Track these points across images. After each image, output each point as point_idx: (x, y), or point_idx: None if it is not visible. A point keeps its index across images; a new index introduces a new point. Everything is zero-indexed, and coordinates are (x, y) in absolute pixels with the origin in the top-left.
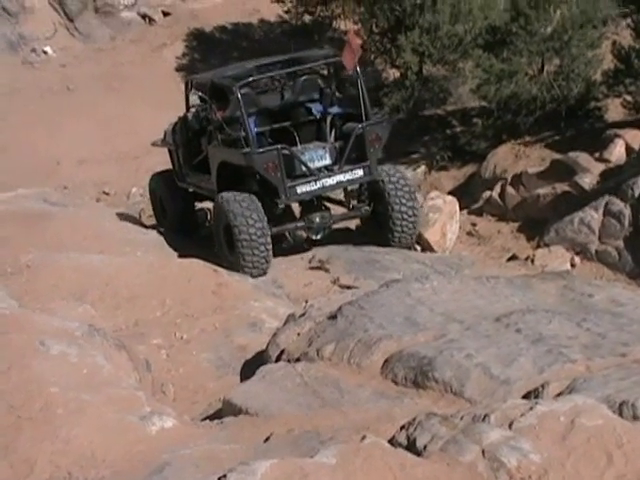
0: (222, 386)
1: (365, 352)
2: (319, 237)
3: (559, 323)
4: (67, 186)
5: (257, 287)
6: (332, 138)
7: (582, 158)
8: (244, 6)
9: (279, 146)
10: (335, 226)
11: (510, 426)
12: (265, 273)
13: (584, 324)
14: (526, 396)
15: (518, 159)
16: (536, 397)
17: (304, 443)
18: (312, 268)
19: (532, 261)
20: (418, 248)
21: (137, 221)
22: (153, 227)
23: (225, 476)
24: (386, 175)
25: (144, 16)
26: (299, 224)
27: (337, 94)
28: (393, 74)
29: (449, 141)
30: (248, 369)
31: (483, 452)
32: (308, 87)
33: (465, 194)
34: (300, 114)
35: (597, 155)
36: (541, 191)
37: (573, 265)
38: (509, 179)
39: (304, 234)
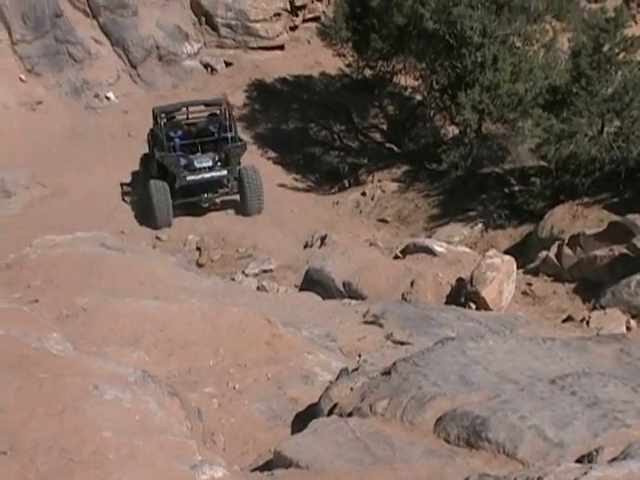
0: (273, 438)
1: (418, 409)
2: (206, 205)
3: (615, 387)
4: (124, 231)
5: (311, 340)
6: (224, 148)
7: None
8: (305, 58)
9: (177, 153)
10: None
11: None
12: (169, 226)
13: None
14: (580, 460)
15: (575, 220)
16: (590, 462)
17: None
18: (366, 322)
19: (587, 323)
20: (473, 306)
21: (192, 268)
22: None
23: None
24: (245, 172)
25: (206, 65)
26: (195, 198)
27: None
28: (452, 131)
29: (506, 200)
30: (299, 422)
31: None
32: (212, 120)
33: (521, 253)
34: (206, 135)
35: None
36: (598, 252)
37: (629, 328)
38: (566, 239)
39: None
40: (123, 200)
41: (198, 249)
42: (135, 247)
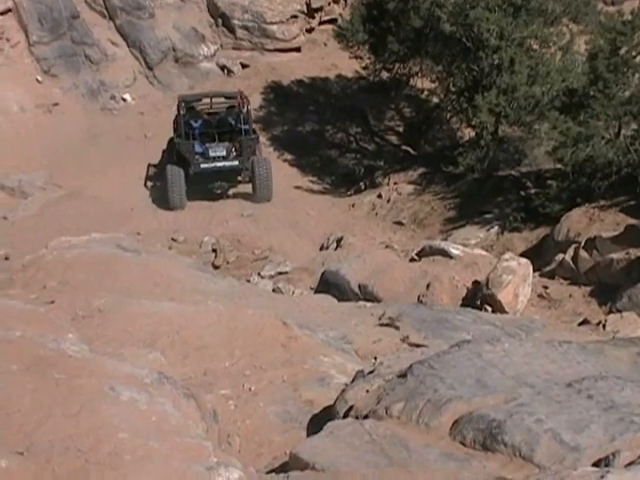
0: (288, 440)
1: (434, 412)
2: (219, 192)
3: (631, 391)
4: (140, 232)
5: (326, 342)
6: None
7: None
8: (322, 61)
9: (194, 141)
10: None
11: None
12: (182, 208)
13: None
14: (596, 464)
15: (592, 223)
16: (607, 465)
17: None
18: (382, 325)
19: (603, 326)
20: (489, 309)
21: (208, 270)
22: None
23: None
24: (257, 162)
25: (223, 67)
26: (209, 185)
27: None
28: (468, 133)
29: (523, 202)
30: (315, 424)
31: None
32: (230, 111)
33: (537, 256)
34: (224, 125)
35: None
36: (615, 256)
37: None
38: (582, 243)
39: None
40: (145, 185)
41: (214, 251)
42: (151, 248)
